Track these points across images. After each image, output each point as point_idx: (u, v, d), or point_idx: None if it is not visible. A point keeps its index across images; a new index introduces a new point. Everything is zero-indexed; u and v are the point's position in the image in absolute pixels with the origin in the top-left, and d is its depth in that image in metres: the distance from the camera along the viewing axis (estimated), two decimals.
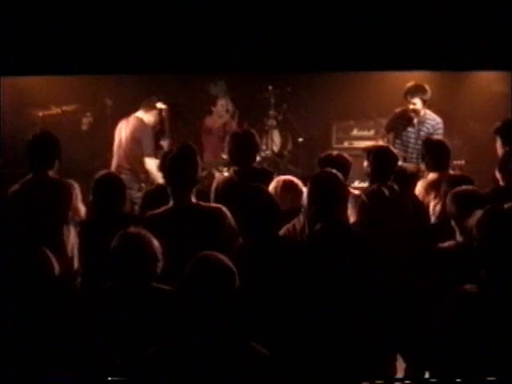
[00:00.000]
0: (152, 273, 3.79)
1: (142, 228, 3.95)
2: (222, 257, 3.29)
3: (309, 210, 4.52)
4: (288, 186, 5.09)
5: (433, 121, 7.24)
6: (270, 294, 4.02)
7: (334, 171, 4.57)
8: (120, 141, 7.42)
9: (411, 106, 7.18)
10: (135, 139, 7.26)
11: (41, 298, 3.55)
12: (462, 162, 7.23)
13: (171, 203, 4.58)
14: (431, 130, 7.20)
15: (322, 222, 4.37)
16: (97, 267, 4.52)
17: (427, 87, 7.14)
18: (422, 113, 7.21)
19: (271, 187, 5.08)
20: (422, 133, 7.20)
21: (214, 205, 4.67)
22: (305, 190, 5.08)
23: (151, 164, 7.14)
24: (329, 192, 4.42)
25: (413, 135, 7.25)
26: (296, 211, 4.80)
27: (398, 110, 7.42)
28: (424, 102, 7.15)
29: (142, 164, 7.28)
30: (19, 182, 5.40)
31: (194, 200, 4.60)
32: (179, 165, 4.64)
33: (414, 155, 7.14)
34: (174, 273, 3.52)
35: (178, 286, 3.43)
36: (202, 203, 4.66)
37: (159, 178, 6.49)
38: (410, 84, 7.20)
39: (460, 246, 4.38)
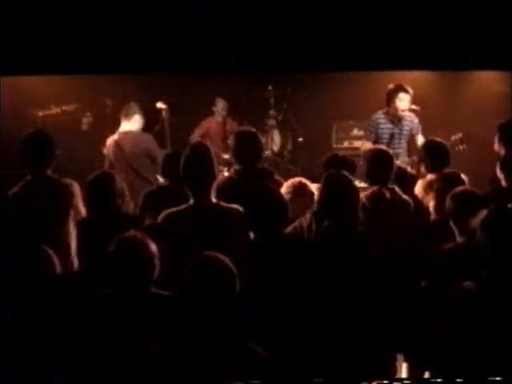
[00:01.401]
0: (150, 278, 3.77)
1: (140, 232, 3.93)
2: (222, 257, 3.29)
3: (318, 209, 4.50)
4: (301, 190, 5.06)
5: (409, 117, 7.30)
6: (276, 292, 4.02)
7: (345, 173, 4.57)
8: (123, 157, 7.25)
9: (406, 106, 7.18)
10: (141, 154, 7.13)
11: (42, 296, 3.55)
12: (460, 134, 7.21)
13: (191, 202, 4.54)
14: (411, 125, 7.26)
15: (329, 221, 4.36)
16: (93, 267, 4.51)
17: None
18: (405, 112, 7.25)
19: (283, 190, 5.03)
20: (404, 132, 7.25)
21: (233, 205, 4.62)
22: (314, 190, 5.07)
23: None
24: (341, 193, 4.41)
25: (397, 135, 7.28)
26: None
27: (375, 114, 7.40)
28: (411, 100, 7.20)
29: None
30: (19, 184, 5.40)
31: (214, 200, 4.59)
32: (196, 163, 4.59)
33: (400, 155, 7.16)
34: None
35: (180, 286, 3.43)
36: (222, 203, 4.62)
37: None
38: (393, 86, 7.19)
39: (460, 247, 4.38)
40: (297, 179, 5.21)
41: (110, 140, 7.23)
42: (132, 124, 7.21)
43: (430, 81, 7.88)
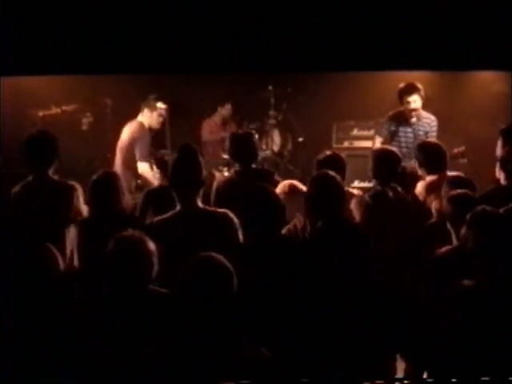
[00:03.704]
0: (149, 275, 3.78)
1: (138, 231, 3.94)
2: (219, 257, 3.31)
3: (307, 210, 4.55)
4: (293, 192, 5.08)
5: (428, 119, 7.28)
6: (273, 292, 4.03)
7: (331, 172, 4.61)
8: (120, 144, 7.45)
9: (412, 105, 7.19)
10: (131, 144, 7.31)
11: (45, 294, 3.56)
12: (463, 147, 7.24)
13: (178, 208, 4.56)
14: (428, 128, 7.24)
15: (323, 220, 4.40)
16: (94, 267, 4.52)
17: (419, 85, 7.19)
18: (418, 112, 7.23)
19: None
20: (420, 132, 7.23)
21: (220, 210, 4.64)
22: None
23: (143, 168, 7.18)
24: (327, 193, 4.46)
25: (411, 135, 7.27)
26: None
27: (390, 113, 7.46)
28: (422, 99, 7.18)
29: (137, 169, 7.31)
30: (20, 184, 5.40)
31: (200, 204, 4.58)
32: (182, 167, 4.61)
33: (413, 155, 7.15)
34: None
35: (177, 287, 3.44)
36: (208, 208, 4.63)
37: (154, 181, 6.61)
38: (402, 85, 7.23)
39: (457, 250, 4.40)
40: (287, 182, 5.24)
41: (124, 127, 7.56)
42: (143, 117, 7.53)
43: (430, 81, 7.87)
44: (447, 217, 4.60)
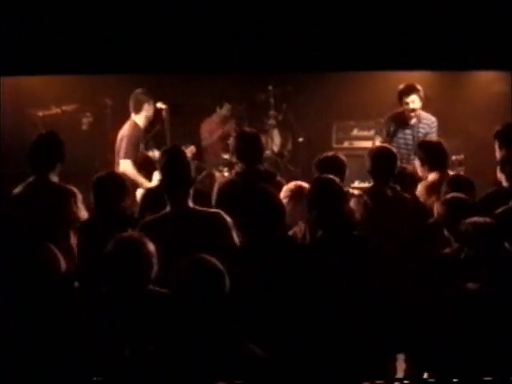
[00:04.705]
0: (148, 276, 3.78)
1: (137, 231, 3.94)
2: (209, 258, 3.32)
3: (309, 215, 4.54)
4: (299, 193, 5.06)
5: (428, 120, 7.26)
6: (272, 292, 4.03)
7: (331, 176, 4.60)
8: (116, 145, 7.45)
9: (411, 106, 7.18)
10: (120, 142, 7.30)
11: (47, 294, 3.56)
12: (462, 156, 7.24)
13: (168, 208, 4.56)
14: (428, 130, 7.23)
15: (324, 229, 4.39)
16: (94, 267, 4.52)
17: (418, 85, 7.19)
18: (418, 112, 7.22)
19: (281, 195, 5.03)
20: (420, 134, 7.21)
21: (212, 210, 4.64)
22: None
23: (124, 165, 7.13)
24: (327, 198, 4.44)
25: (410, 136, 7.26)
26: None
27: (390, 113, 7.45)
28: (421, 100, 7.18)
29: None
30: (21, 184, 5.40)
31: (191, 204, 4.57)
32: (170, 169, 4.63)
33: (412, 157, 7.15)
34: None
35: (169, 287, 3.45)
36: (198, 208, 4.61)
37: (137, 179, 6.55)
38: (401, 86, 7.22)
39: (456, 251, 4.40)
40: (293, 183, 5.21)
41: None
42: (139, 117, 7.34)
43: (430, 81, 7.88)
44: (442, 219, 4.61)
